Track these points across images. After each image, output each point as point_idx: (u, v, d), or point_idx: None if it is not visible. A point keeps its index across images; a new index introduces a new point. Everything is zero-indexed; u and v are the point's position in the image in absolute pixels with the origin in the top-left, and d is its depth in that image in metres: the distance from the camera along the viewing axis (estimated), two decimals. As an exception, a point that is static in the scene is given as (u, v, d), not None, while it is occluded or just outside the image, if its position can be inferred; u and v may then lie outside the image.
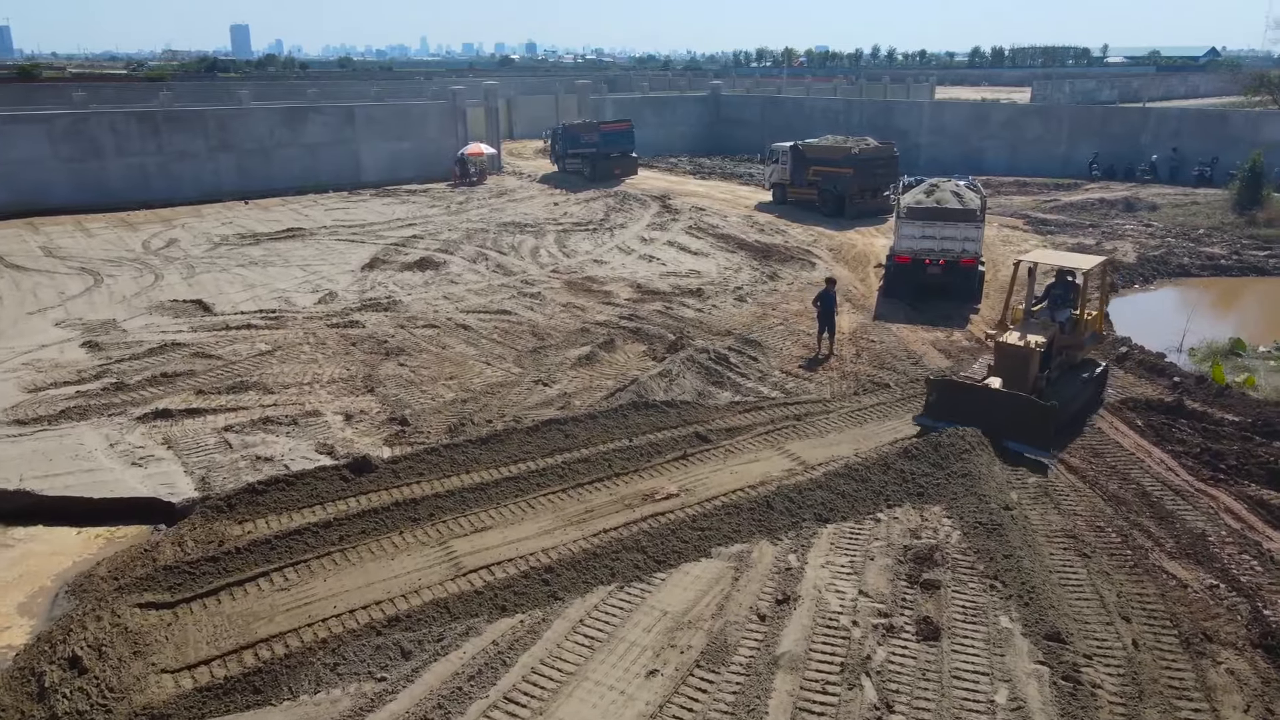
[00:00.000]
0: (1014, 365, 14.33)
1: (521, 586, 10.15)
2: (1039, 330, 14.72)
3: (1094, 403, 15.44)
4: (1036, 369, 14.27)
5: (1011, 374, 14.36)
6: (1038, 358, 14.22)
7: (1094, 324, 16.12)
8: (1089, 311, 16.04)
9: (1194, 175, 40.31)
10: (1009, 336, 14.62)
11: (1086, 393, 15.26)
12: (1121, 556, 10.92)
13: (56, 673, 8.68)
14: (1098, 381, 15.80)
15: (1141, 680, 8.72)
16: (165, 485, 12.44)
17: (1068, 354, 15.44)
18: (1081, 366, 15.82)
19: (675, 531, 11.27)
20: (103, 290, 22.73)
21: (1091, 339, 16.21)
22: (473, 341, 18.84)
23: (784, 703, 8.40)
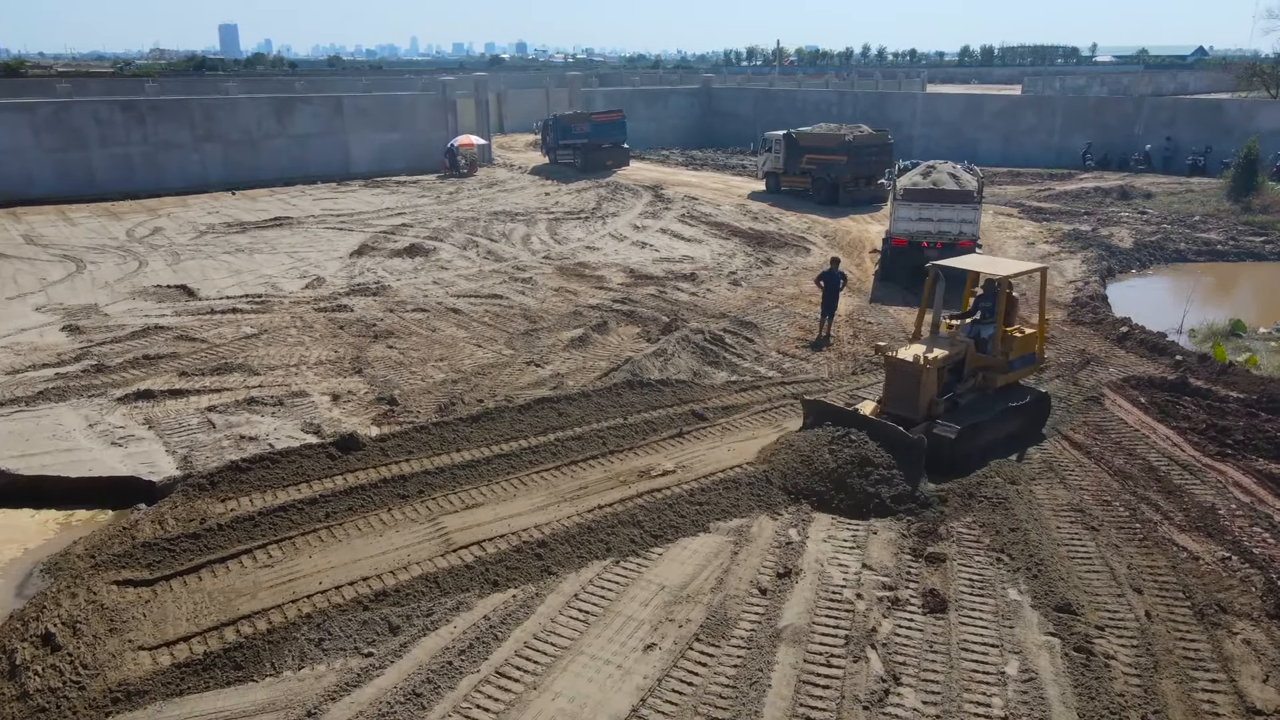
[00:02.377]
0: (904, 385, 12.31)
1: (514, 561, 9.81)
2: (944, 346, 12.56)
3: (1026, 436, 13.09)
4: (932, 391, 12.22)
5: (901, 395, 12.38)
6: (932, 378, 12.16)
7: (1026, 344, 13.42)
8: (1023, 328, 13.69)
9: (1188, 164, 40.26)
10: (901, 351, 12.53)
11: (1008, 425, 12.84)
12: (1131, 530, 10.64)
13: (29, 650, 8.31)
14: (1028, 413, 13.25)
15: (1156, 651, 8.44)
16: (146, 464, 12.05)
17: (986, 377, 13.09)
18: (1011, 393, 13.25)
19: (672, 506, 10.94)
20: (85, 276, 22.27)
21: (1023, 362, 13.45)
22: (463, 325, 18.48)
23: (787, 675, 8.08)
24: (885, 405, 12.56)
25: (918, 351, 12.24)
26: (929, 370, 12.04)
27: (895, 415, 12.27)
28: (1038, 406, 13.48)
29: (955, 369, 12.71)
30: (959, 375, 12.80)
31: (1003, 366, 13.09)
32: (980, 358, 12.94)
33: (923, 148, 46.22)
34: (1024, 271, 13.87)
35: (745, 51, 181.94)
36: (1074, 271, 23.48)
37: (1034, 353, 13.66)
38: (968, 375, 12.88)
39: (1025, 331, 13.49)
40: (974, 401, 12.83)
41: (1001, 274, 12.93)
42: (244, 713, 7.64)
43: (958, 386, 12.74)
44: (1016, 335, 13.26)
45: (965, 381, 12.84)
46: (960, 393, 12.74)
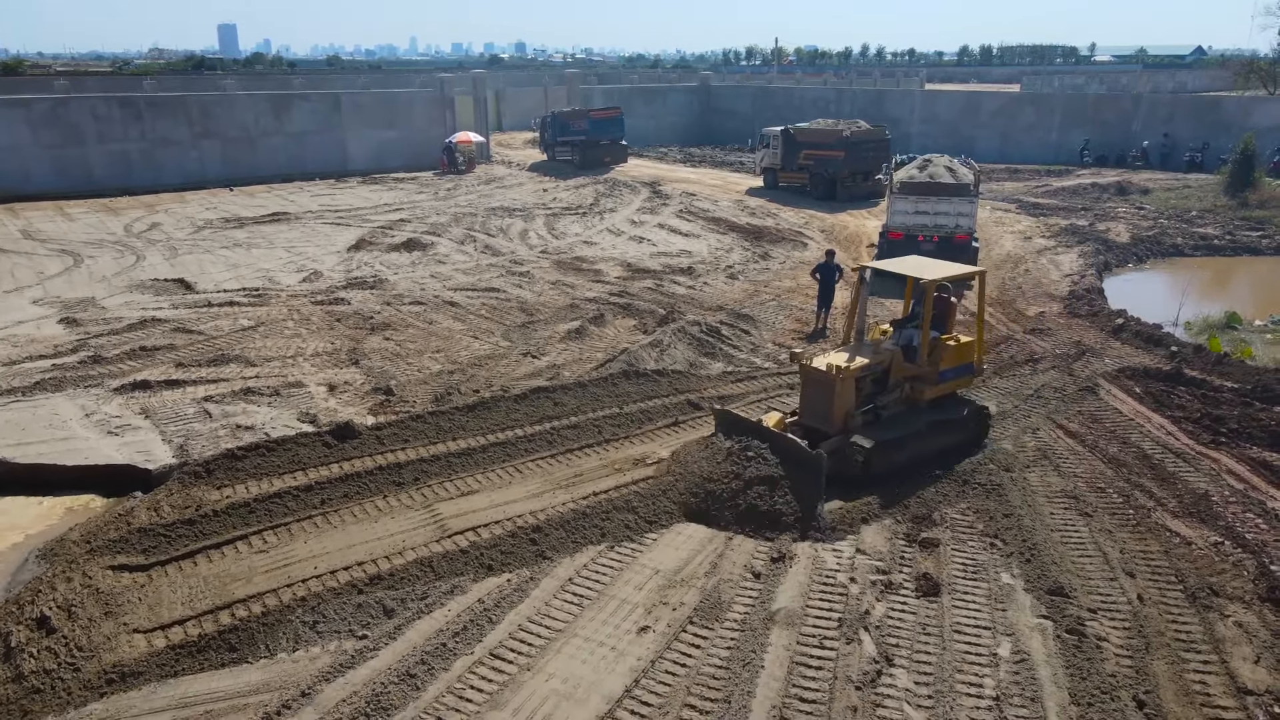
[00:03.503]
0: (818, 396, 11.53)
1: (508, 546, 9.83)
2: (866, 354, 11.73)
3: (961, 451, 12.13)
4: (848, 402, 11.38)
5: (816, 406, 11.61)
6: (848, 388, 11.33)
7: (961, 353, 12.33)
8: (959, 336, 12.54)
9: (1185, 160, 40.31)
10: (817, 359, 11.67)
11: (936, 440, 11.93)
12: (1124, 516, 10.68)
13: (24, 633, 8.33)
14: (960, 427, 12.32)
15: (1148, 633, 8.47)
16: (142, 453, 12.06)
17: (914, 387, 12.18)
18: (945, 406, 12.37)
19: (666, 493, 10.96)
20: (82, 270, 22.28)
21: (958, 373, 12.41)
22: (460, 317, 18.50)
23: (780, 657, 8.11)
24: (801, 416, 11.87)
25: (833, 360, 11.42)
26: (844, 380, 11.20)
27: (812, 427, 11.60)
28: (973, 421, 12.47)
29: (880, 379, 11.86)
30: (884, 385, 11.91)
31: (932, 377, 12.09)
32: (907, 367, 11.96)
33: (920, 145, 46.26)
34: (955, 276, 12.26)
35: (744, 51, 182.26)
36: (1070, 265, 23.52)
37: (971, 363, 12.55)
38: (893, 386, 11.94)
39: (961, 340, 12.35)
40: (900, 414, 11.95)
41: (929, 277, 11.74)
42: (238, 693, 7.67)
43: (880, 398, 11.81)
44: (950, 344, 12.16)
45: (890, 392, 11.91)
46: (884, 404, 11.83)
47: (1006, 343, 17.28)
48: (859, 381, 11.52)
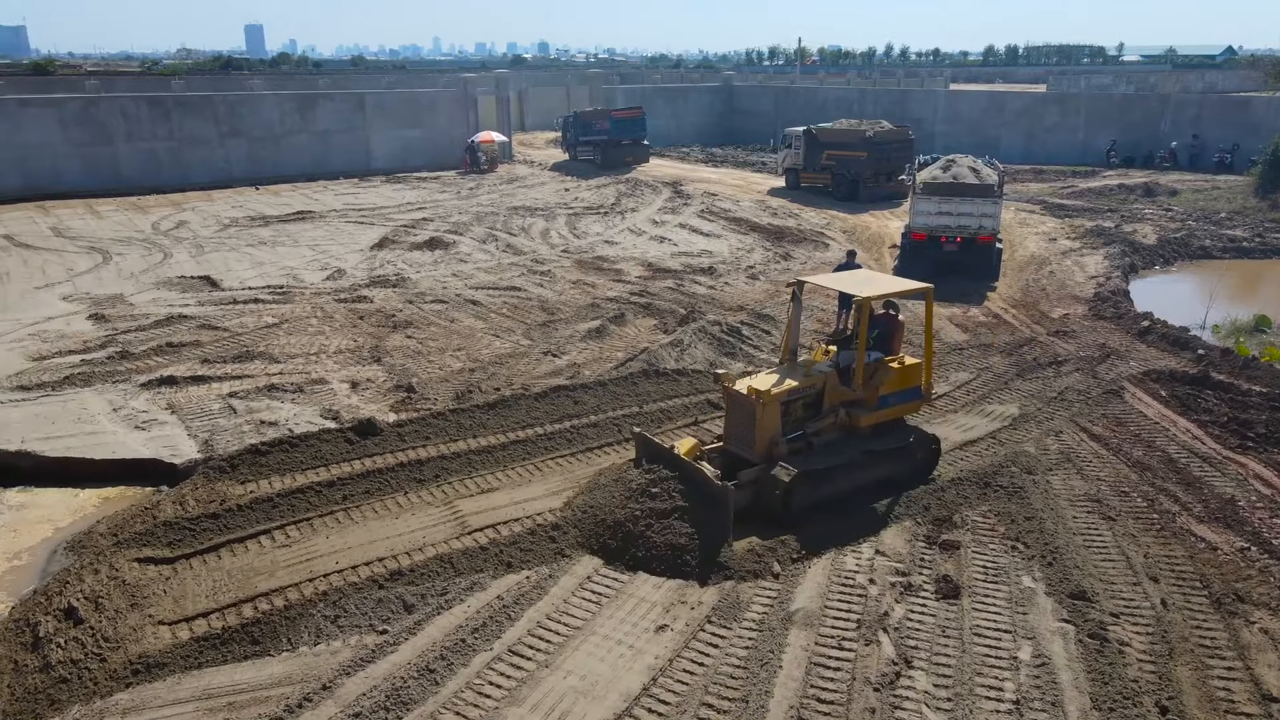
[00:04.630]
0: (741, 420, 10.71)
1: (528, 544, 9.87)
2: (795, 376, 10.82)
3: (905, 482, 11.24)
4: (772, 429, 10.50)
5: (740, 431, 10.77)
6: (772, 414, 10.44)
7: (905, 376, 11.35)
8: (905, 358, 11.58)
9: (1214, 162, 39.79)
10: (740, 381, 10.85)
11: (870, 471, 11.02)
12: (1148, 520, 10.57)
13: (51, 623, 8.47)
14: (906, 457, 11.32)
15: (1171, 639, 8.38)
16: (168, 447, 12.23)
17: (851, 414, 11.18)
18: (889, 434, 11.32)
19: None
20: (111, 267, 22.61)
21: (902, 397, 11.40)
22: (481, 315, 18.60)
23: (798, 657, 8.10)
24: (725, 442, 11.10)
25: (758, 382, 10.59)
26: (766, 405, 10.34)
27: (737, 454, 10.87)
28: (918, 450, 11.49)
29: (814, 403, 10.97)
30: (818, 410, 11.04)
31: (871, 402, 11.13)
32: (842, 391, 11.03)
33: (944, 145, 45.93)
34: (896, 293, 11.40)
35: (767, 51, 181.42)
36: (1096, 267, 23.28)
37: (917, 387, 11.56)
38: (828, 410, 11.03)
39: (907, 362, 11.44)
40: (834, 442, 10.99)
41: (864, 294, 10.83)
42: (261, 686, 7.75)
43: (811, 424, 10.90)
44: (894, 366, 11.29)
45: (824, 417, 11.00)
46: (815, 430, 10.91)
47: (1030, 345, 17.13)
48: (788, 406, 10.65)
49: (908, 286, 11.61)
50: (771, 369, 11.38)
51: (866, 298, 10.78)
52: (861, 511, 10.60)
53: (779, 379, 10.72)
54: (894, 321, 11.80)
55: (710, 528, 9.58)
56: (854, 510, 10.60)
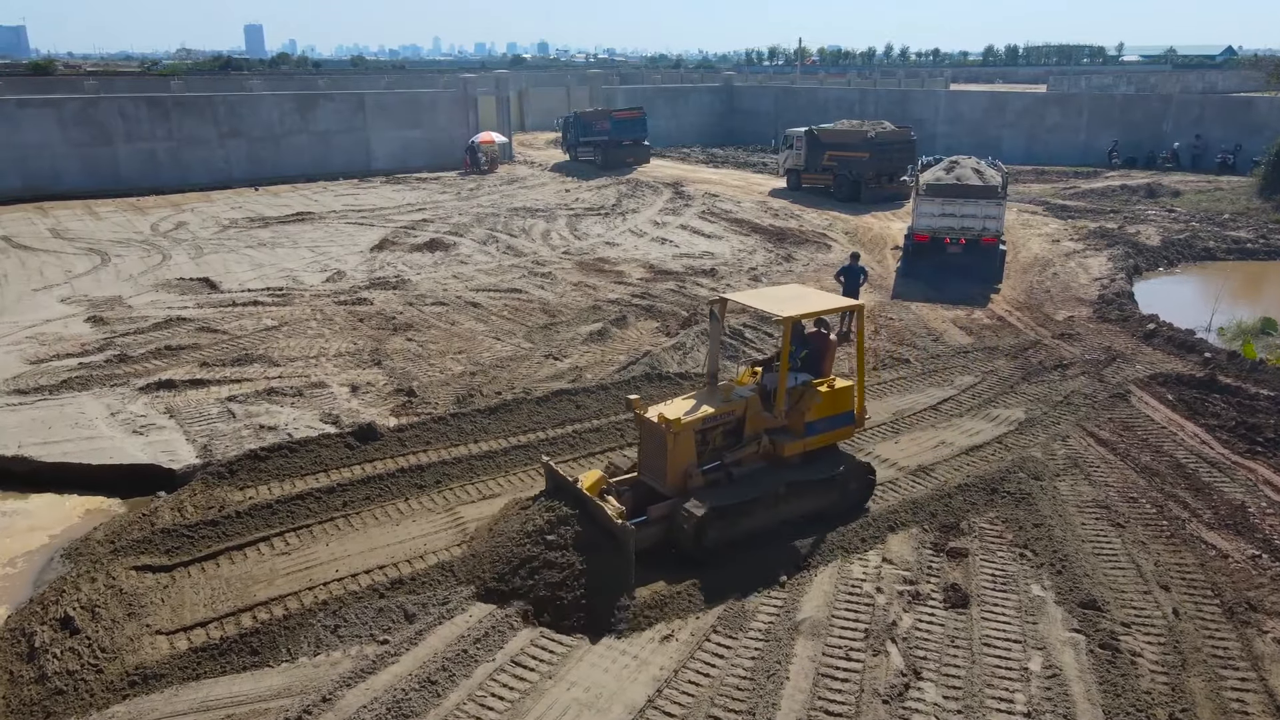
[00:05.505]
0: (654, 450, 9.91)
1: (531, 551, 9.73)
2: (713, 402, 10.07)
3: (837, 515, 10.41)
4: (685, 459, 9.70)
5: (652, 461, 10.01)
6: (684, 443, 9.63)
7: (834, 401, 10.52)
8: (835, 381, 10.77)
9: (1217, 162, 39.67)
10: (652, 408, 10.03)
11: (801, 504, 10.21)
12: (1157, 527, 10.45)
13: (47, 633, 8.34)
14: (836, 488, 10.48)
15: (1184, 649, 8.26)
16: (166, 452, 12.10)
17: (775, 442, 10.33)
18: (819, 463, 10.47)
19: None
20: (109, 269, 22.47)
21: (831, 424, 10.55)
22: (482, 318, 18.48)
23: (805, 668, 7.98)
24: (640, 472, 10.29)
25: (671, 410, 9.78)
26: (678, 435, 9.54)
27: (650, 485, 10.09)
28: (851, 480, 10.67)
29: (735, 430, 10.20)
30: (739, 437, 10.26)
31: (796, 429, 10.38)
32: (765, 417, 10.28)
33: (946, 146, 45.79)
34: (823, 310, 10.58)
35: (767, 51, 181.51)
36: (1099, 269, 23.15)
37: (849, 412, 10.76)
38: (749, 438, 10.24)
39: (837, 385, 10.68)
40: (757, 472, 10.20)
41: (786, 313, 9.98)
42: (260, 698, 7.63)
43: (729, 453, 10.10)
44: (822, 390, 10.51)
45: (745, 446, 10.21)
46: (736, 460, 10.12)
47: (1035, 348, 17.01)
48: (705, 434, 9.89)
49: (836, 304, 10.95)
50: (689, 394, 10.60)
51: (787, 317, 9.94)
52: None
53: (695, 405, 9.98)
54: (825, 341, 10.99)
55: (611, 572, 8.75)
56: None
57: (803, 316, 10.26)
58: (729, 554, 9.54)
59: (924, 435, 13.12)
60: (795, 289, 11.43)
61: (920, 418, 13.77)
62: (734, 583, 9.19)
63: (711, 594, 9.01)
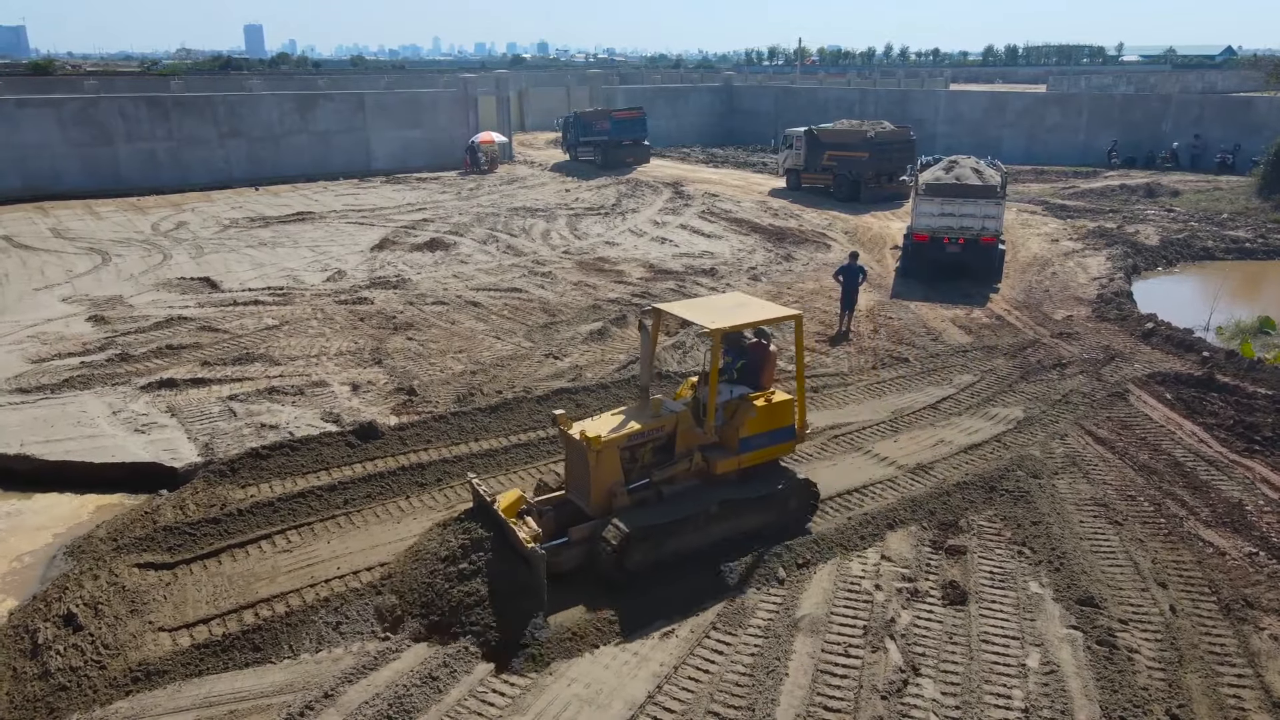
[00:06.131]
0: (579, 467, 9.49)
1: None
2: (641, 418, 9.61)
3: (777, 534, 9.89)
4: (610, 478, 9.28)
5: (577, 480, 9.59)
6: (609, 461, 9.21)
7: (771, 416, 10.03)
8: (774, 394, 10.26)
9: (1216, 162, 39.72)
10: (577, 424, 9.56)
11: (735, 523, 9.73)
12: (1155, 525, 10.50)
13: (50, 630, 8.39)
14: (774, 506, 10.00)
15: (1181, 645, 8.31)
16: (168, 451, 12.14)
17: (707, 459, 9.86)
18: (756, 480, 10.03)
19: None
20: (110, 269, 22.52)
21: (768, 440, 10.05)
22: (482, 317, 18.52)
23: (804, 664, 8.02)
24: (567, 490, 9.91)
25: (596, 426, 9.40)
26: (601, 453, 9.11)
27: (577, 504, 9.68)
28: (791, 498, 10.19)
29: (666, 446, 9.75)
30: (670, 453, 9.81)
31: (731, 445, 9.89)
32: (697, 433, 9.81)
33: (945, 146, 45.85)
34: (758, 321, 9.95)
35: (767, 51, 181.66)
36: (1098, 268, 23.20)
37: (789, 426, 10.29)
38: (680, 455, 9.76)
39: (775, 399, 10.16)
40: (688, 490, 9.76)
41: (716, 324, 9.44)
42: (262, 694, 7.67)
43: (658, 470, 9.64)
44: (759, 404, 9.99)
45: (676, 463, 9.74)
46: (666, 478, 9.67)
47: (1034, 347, 17.05)
48: (634, 451, 9.49)
49: (772, 315, 10.12)
50: (619, 409, 10.10)
51: (716, 329, 9.38)
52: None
53: (623, 421, 9.54)
54: (764, 352, 10.43)
55: (524, 597, 8.39)
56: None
57: (732, 329, 9.64)
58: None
59: (923, 434, 13.16)
60: (737, 298, 10.93)
61: (919, 416, 13.81)
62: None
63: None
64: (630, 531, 8.91)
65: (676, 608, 8.76)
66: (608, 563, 8.90)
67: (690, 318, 9.80)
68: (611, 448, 9.21)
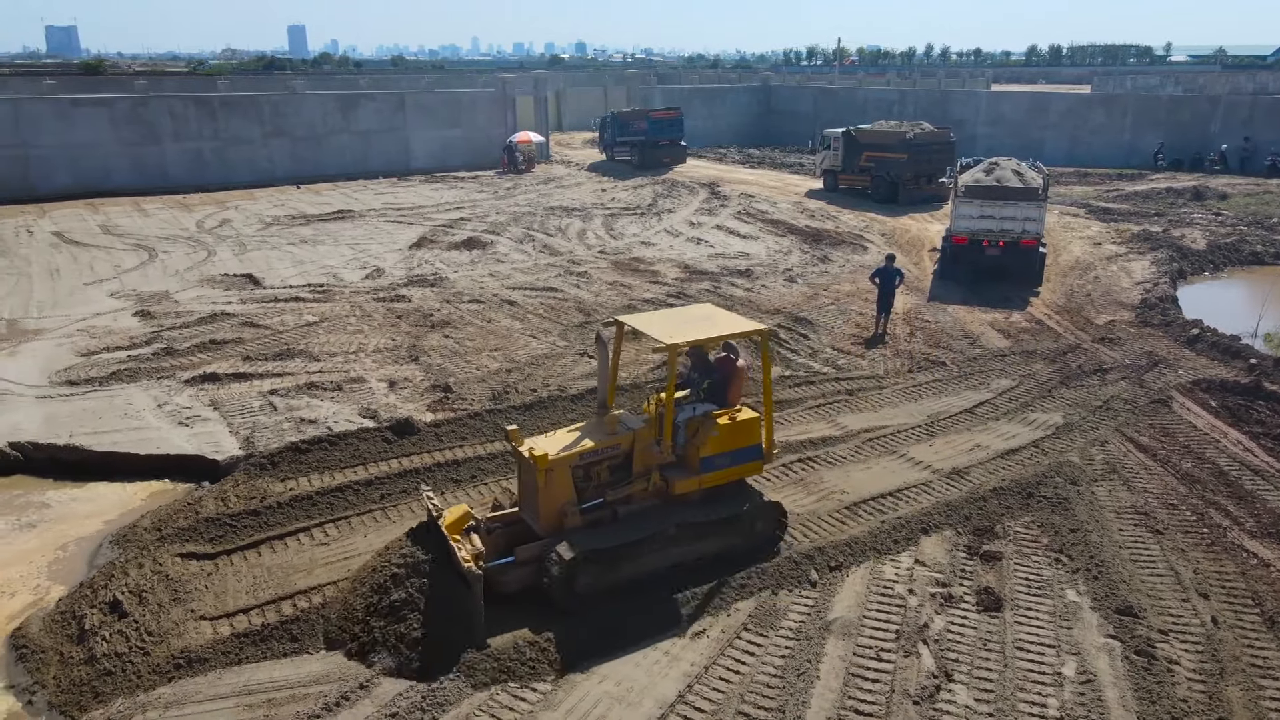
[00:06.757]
0: (530, 486, 9.09)
1: (564, 546, 9.83)
2: (596, 436, 9.21)
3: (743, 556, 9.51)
4: (562, 497, 8.91)
5: (528, 498, 9.22)
6: (560, 480, 8.85)
7: (736, 434, 9.50)
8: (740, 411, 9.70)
9: (1267, 165, 38.84)
10: (530, 441, 9.13)
11: (695, 547, 9.32)
12: (1198, 534, 10.31)
13: (97, 616, 8.62)
14: (739, 529, 9.57)
15: (1222, 658, 8.16)
16: (210, 444, 12.41)
17: (667, 479, 9.39)
18: (719, 502, 9.56)
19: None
20: (157, 265, 23.03)
21: (731, 459, 9.54)
22: (518, 316, 18.66)
23: (835, 667, 8.00)
24: (520, 508, 9.53)
25: (548, 443, 9.02)
26: (552, 472, 8.74)
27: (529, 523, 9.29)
28: (758, 520, 9.75)
29: (623, 465, 9.36)
30: (628, 472, 9.42)
31: (692, 464, 9.44)
32: (654, 452, 9.30)
33: (986, 147, 45.26)
34: (721, 336, 9.45)
35: (805, 51, 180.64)
36: (1142, 273, 22.78)
37: (756, 445, 9.76)
38: (639, 475, 9.38)
39: (740, 417, 9.62)
40: (646, 511, 9.33)
41: (673, 339, 8.93)
42: (299, 683, 7.82)
43: (612, 490, 9.26)
44: (723, 422, 9.47)
45: (634, 483, 9.33)
46: (622, 498, 9.29)
47: (1074, 352, 16.80)
48: (588, 469, 9.15)
49: (737, 329, 9.61)
50: (576, 425, 9.75)
51: (671, 344, 8.89)
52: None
53: (577, 438, 9.16)
54: (731, 367, 9.92)
55: (463, 618, 8.06)
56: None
57: (688, 344, 9.20)
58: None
59: (959, 438, 13.04)
60: (705, 310, 10.44)
61: (955, 420, 13.68)
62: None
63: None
64: (578, 553, 8.52)
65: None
66: (555, 585, 8.54)
67: (647, 331, 9.24)
68: (562, 466, 8.83)
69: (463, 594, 8.01)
